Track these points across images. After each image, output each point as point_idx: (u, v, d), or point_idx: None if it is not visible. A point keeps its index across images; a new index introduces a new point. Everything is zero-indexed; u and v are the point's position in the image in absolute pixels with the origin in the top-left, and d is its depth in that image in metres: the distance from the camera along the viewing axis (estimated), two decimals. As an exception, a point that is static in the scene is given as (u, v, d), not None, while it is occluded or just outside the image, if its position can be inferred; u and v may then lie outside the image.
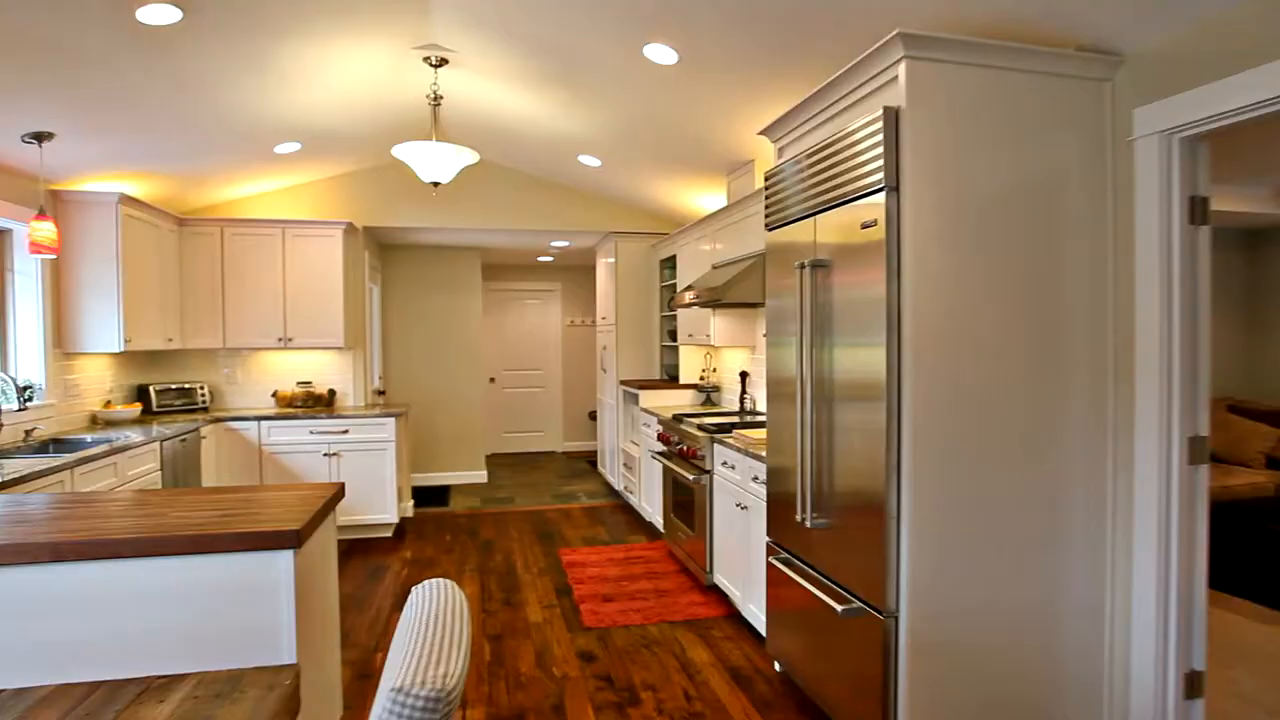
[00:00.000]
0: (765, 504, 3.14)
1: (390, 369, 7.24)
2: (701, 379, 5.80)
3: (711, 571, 4.04)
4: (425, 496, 6.71)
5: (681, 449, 4.31)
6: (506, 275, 9.14)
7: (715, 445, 3.93)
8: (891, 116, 2.21)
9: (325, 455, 5.14)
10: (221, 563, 1.89)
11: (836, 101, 2.59)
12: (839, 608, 2.42)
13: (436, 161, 3.86)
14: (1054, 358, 2.34)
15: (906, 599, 2.23)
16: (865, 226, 2.31)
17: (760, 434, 3.59)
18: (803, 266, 2.64)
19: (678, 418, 4.65)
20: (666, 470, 4.76)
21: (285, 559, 1.92)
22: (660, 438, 4.76)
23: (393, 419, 5.24)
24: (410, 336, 7.31)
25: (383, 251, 7.19)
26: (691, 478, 4.04)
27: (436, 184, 3.99)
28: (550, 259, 8.48)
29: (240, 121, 4.08)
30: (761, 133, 3.17)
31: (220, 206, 5.60)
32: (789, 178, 2.81)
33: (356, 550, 5.02)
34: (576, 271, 9.30)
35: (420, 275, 7.34)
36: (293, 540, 1.91)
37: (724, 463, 3.81)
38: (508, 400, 9.15)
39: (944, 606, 2.26)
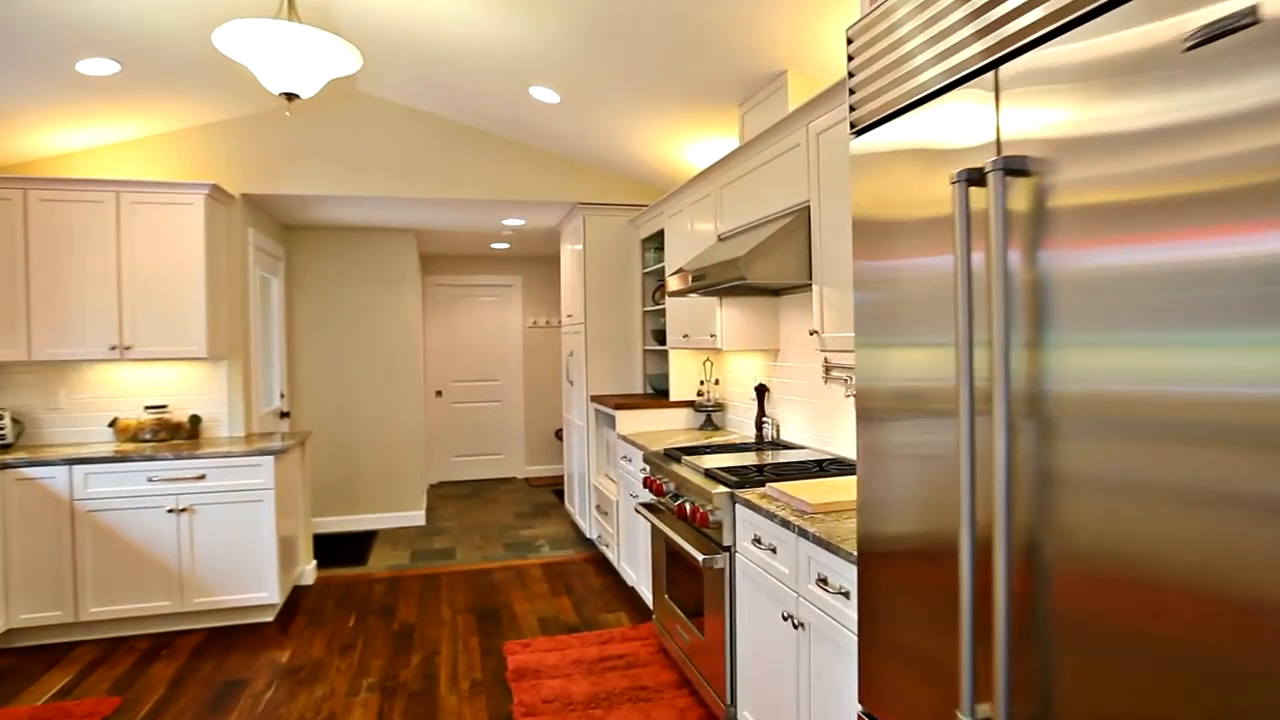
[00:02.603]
0: (856, 635, 1.72)
1: (298, 385, 5.72)
2: (700, 395, 4.39)
3: (734, 703, 2.60)
4: (338, 550, 5.20)
5: (682, 506, 2.83)
6: (454, 267, 7.65)
7: (738, 508, 2.51)
8: None
9: (171, 512, 3.63)
10: None
11: None
12: None
13: (286, 56, 2.39)
14: None
15: None
16: (1198, 44, 0.90)
17: (811, 489, 2.18)
18: (967, 179, 1.23)
19: (672, 454, 3.23)
20: (657, 532, 3.33)
21: None
22: (648, 483, 3.30)
23: (270, 458, 3.74)
24: (325, 342, 5.78)
25: (286, 234, 5.67)
26: (701, 557, 2.60)
27: (291, 97, 2.53)
28: (506, 246, 7.00)
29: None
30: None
31: (34, 165, 4.07)
32: (913, 14, 1.39)
33: (213, 648, 3.50)
34: (540, 263, 7.84)
35: (337, 264, 5.82)
36: None
37: (755, 539, 2.38)
38: (457, 418, 7.66)
39: None
